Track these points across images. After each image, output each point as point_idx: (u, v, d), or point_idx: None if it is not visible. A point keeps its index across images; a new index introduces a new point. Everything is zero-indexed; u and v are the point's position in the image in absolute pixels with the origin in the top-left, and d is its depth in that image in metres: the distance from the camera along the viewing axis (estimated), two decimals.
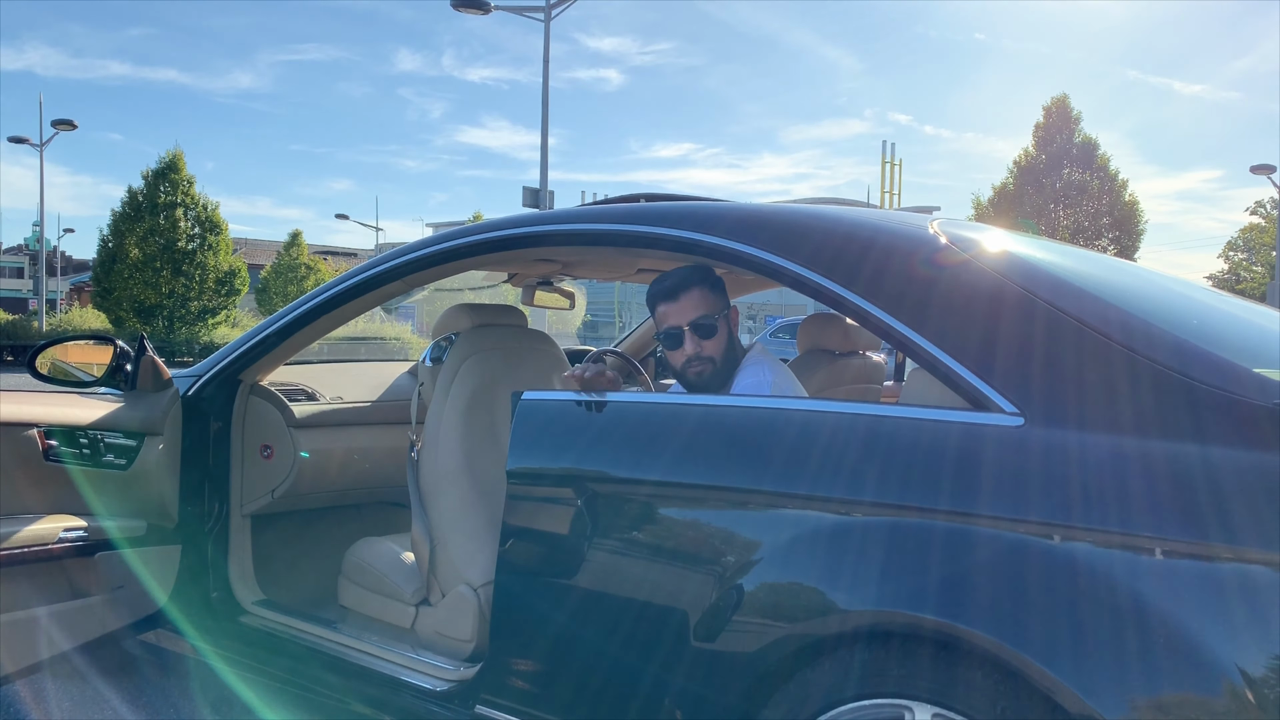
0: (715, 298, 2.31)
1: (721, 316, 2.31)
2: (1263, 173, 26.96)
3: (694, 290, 2.28)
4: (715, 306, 2.30)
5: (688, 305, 2.28)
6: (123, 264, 23.71)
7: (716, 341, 2.29)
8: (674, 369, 2.36)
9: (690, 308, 2.28)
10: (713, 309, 2.30)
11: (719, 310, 2.31)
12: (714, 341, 2.28)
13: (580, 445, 2.01)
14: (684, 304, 2.28)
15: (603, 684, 1.90)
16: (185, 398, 2.71)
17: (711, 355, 2.28)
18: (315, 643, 2.51)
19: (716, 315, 2.30)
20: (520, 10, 17.31)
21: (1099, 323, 1.59)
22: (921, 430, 1.62)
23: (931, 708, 1.48)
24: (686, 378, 2.33)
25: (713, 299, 2.31)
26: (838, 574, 1.59)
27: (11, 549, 2.31)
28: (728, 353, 2.31)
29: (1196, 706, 1.28)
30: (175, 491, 2.65)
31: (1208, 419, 1.43)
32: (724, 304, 2.34)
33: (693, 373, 2.30)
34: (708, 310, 2.29)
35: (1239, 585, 1.30)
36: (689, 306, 2.28)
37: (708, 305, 2.29)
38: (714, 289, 2.32)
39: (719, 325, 2.29)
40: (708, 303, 2.29)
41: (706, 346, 2.28)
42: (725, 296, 2.35)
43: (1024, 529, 1.44)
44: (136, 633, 2.70)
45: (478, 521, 2.49)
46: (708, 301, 2.29)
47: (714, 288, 2.32)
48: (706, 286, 2.30)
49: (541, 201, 17.25)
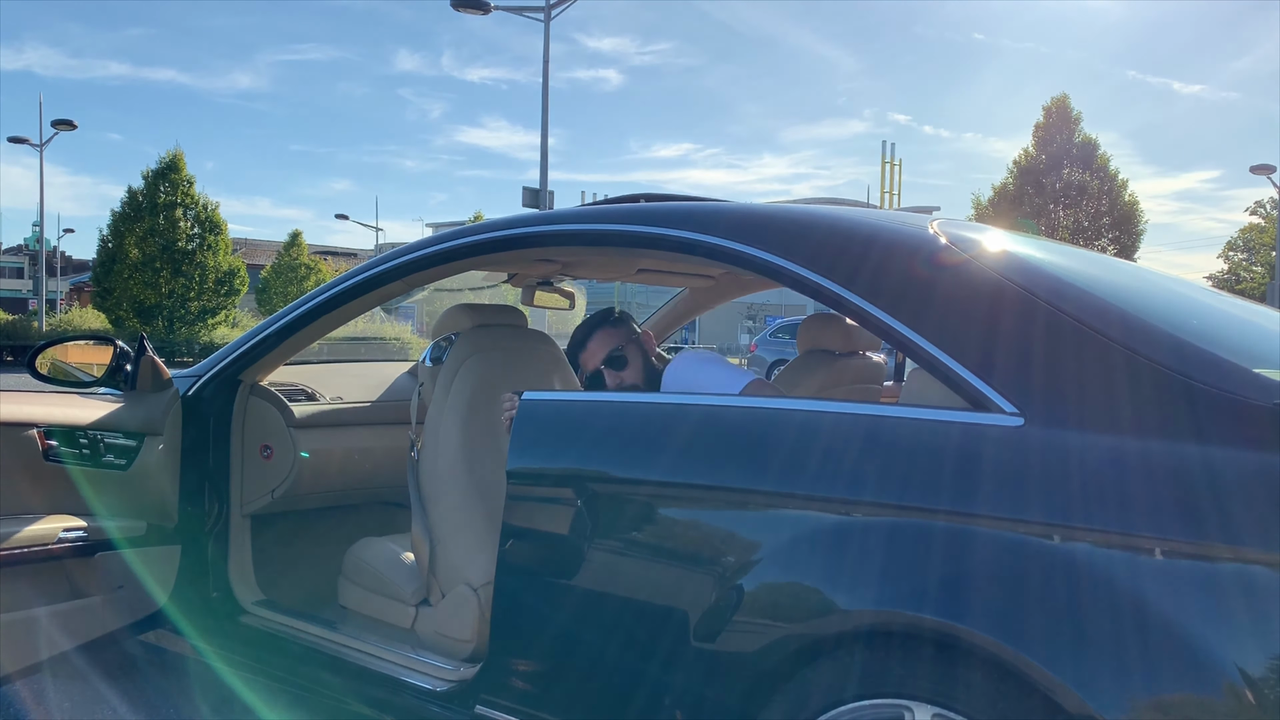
0: (617, 332, 2.62)
1: (629, 344, 2.60)
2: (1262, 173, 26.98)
3: (595, 335, 2.61)
4: (619, 340, 2.59)
5: (595, 349, 2.59)
6: (122, 264, 23.72)
7: (631, 368, 2.56)
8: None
9: (598, 350, 2.59)
10: (617, 342, 2.59)
11: (624, 341, 2.60)
12: (629, 370, 2.56)
13: (580, 445, 2.01)
14: (592, 349, 2.60)
15: (603, 684, 1.90)
16: (185, 398, 2.71)
17: (633, 382, 2.54)
18: (315, 643, 2.51)
19: (621, 346, 2.58)
20: (520, 10, 17.32)
21: (1099, 323, 1.59)
22: (921, 430, 1.62)
23: (931, 708, 1.48)
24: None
25: (615, 335, 2.61)
26: (838, 574, 1.59)
27: (11, 549, 2.31)
28: (648, 372, 2.57)
29: (1196, 707, 1.28)
30: (175, 492, 2.65)
31: (1207, 419, 1.43)
32: (628, 335, 2.63)
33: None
34: (613, 345, 2.58)
35: (1239, 585, 1.30)
36: (597, 350, 2.59)
37: (611, 341, 2.59)
38: (614, 326, 2.63)
39: (627, 354, 2.58)
40: (610, 340, 2.60)
41: (625, 376, 2.55)
42: (629, 328, 2.65)
43: (1024, 529, 1.44)
44: (136, 633, 2.70)
45: (478, 521, 2.49)
46: (610, 339, 2.60)
47: (614, 325, 2.64)
48: (606, 327, 2.62)
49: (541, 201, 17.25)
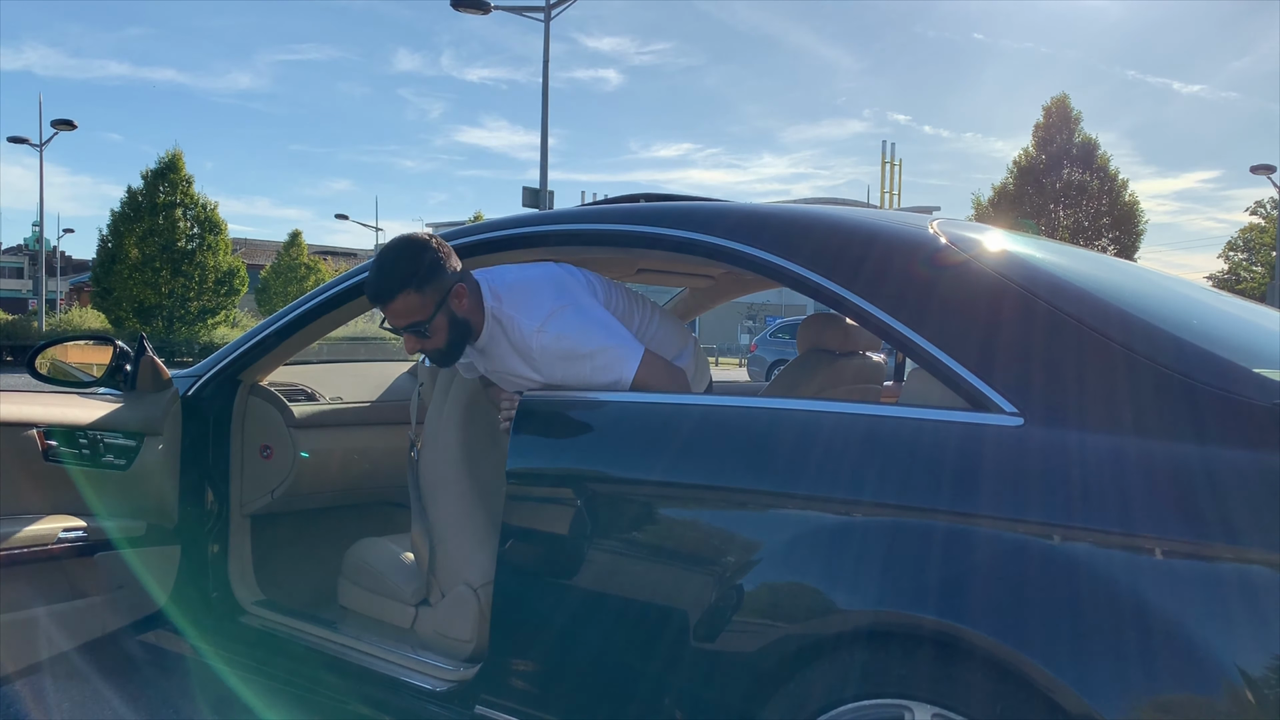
0: (424, 298, 2.15)
1: (440, 311, 2.16)
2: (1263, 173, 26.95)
3: (398, 299, 2.14)
4: (425, 310, 2.15)
5: (397, 312, 2.16)
6: (122, 264, 23.71)
7: (437, 333, 2.18)
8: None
9: (400, 315, 2.17)
10: (422, 313, 2.15)
11: (431, 309, 2.15)
12: (435, 335, 2.18)
13: (580, 445, 2.01)
14: (393, 311, 2.17)
15: (603, 684, 1.90)
16: (185, 398, 2.71)
17: (437, 345, 2.20)
18: (315, 643, 2.51)
19: (426, 321, 2.15)
20: (520, 10, 17.31)
21: (1099, 323, 1.59)
22: (921, 430, 1.62)
23: (931, 708, 1.48)
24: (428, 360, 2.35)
25: (420, 302, 2.15)
26: (838, 574, 1.59)
27: (11, 549, 2.31)
28: (457, 329, 2.20)
29: (1197, 706, 1.28)
30: (175, 492, 2.65)
31: (1207, 419, 1.43)
32: (437, 300, 2.15)
33: (430, 359, 2.30)
34: (418, 318, 2.16)
35: (1239, 585, 1.30)
36: (398, 313, 2.17)
37: (416, 312, 2.15)
38: (420, 289, 2.14)
39: (434, 323, 2.16)
40: (415, 309, 2.15)
41: (429, 343, 2.20)
42: (439, 284, 2.14)
43: (1024, 529, 1.44)
44: (136, 633, 2.70)
45: (477, 521, 2.48)
46: (414, 308, 2.15)
47: (420, 288, 2.14)
48: (411, 289, 2.13)
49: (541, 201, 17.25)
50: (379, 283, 2.16)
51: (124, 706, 2.79)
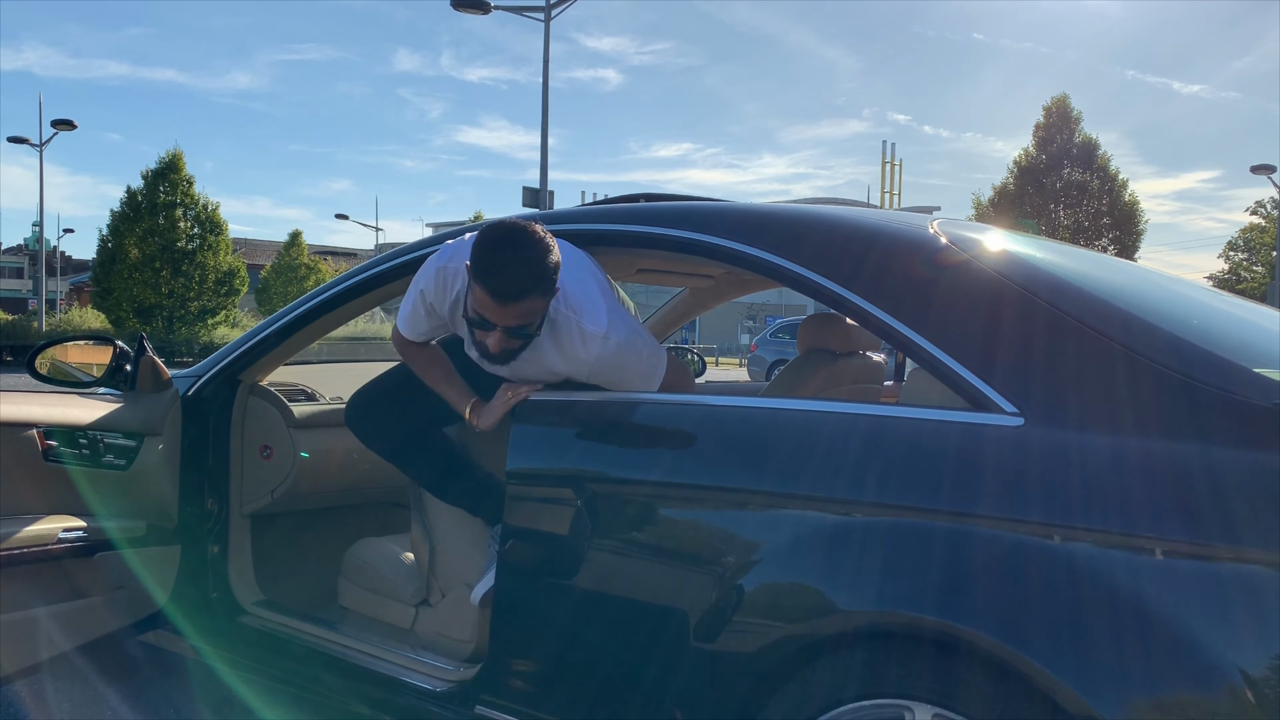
0: (544, 303, 2.04)
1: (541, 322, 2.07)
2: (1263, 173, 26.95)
3: (525, 301, 1.98)
4: (539, 314, 2.05)
5: (518, 313, 2.00)
6: (122, 264, 23.71)
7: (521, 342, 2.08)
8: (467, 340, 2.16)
9: (517, 316, 2.00)
10: (535, 320, 2.05)
11: (543, 313, 2.06)
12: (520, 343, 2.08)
13: (580, 445, 2.01)
14: (513, 311, 2.00)
15: (603, 684, 1.90)
16: (185, 398, 2.71)
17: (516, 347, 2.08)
18: (315, 643, 2.51)
19: (533, 325, 2.05)
20: (520, 10, 17.31)
21: (1099, 322, 1.59)
22: (922, 430, 1.62)
23: (931, 708, 1.48)
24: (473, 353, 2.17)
25: (541, 306, 2.03)
26: (838, 574, 1.59)
27: (11, 549, 2.30)
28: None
29: (1197, 707, 1.28)
30: (175, 492, 2.65)
31: (1208, 419, 1.43)
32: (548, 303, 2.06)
33: (477, 357, 2.15)
34: (529, 321, 2.04)
35: (1239, 585, 1.30)
36: (517, 315, 2.00)
37: (532, 316, 2.03)
38: (546, 295, 2.02)
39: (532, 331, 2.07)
40: (535, 313, 2.03)
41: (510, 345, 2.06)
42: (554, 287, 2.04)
43: (1024, 529, 1.44)
44: (136, 633, 2.70)
45: (478, 522, 2.49)
46: (535, 311, 2.03)
47: (546, 294, 2.02)
48: (540, 295, 2.00)
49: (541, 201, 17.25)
50: (520, 280, 1.96)
51: (124, 706, 2.78)
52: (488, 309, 2.00)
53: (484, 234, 2.02)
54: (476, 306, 2.02)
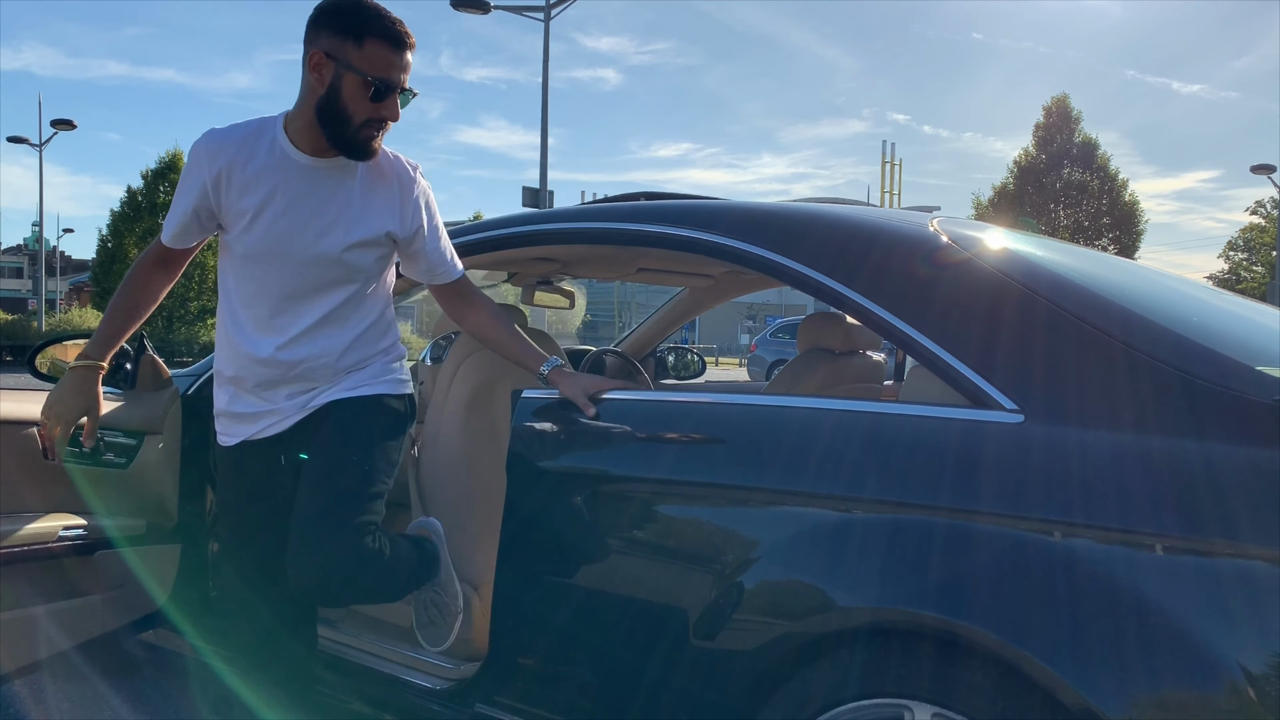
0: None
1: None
2: (1263, 173, 26.94)
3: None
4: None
5: (408, 65, 1.85)
6: (122, 264, 23.69)
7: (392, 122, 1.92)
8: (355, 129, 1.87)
9: (408, 68, 1.85)
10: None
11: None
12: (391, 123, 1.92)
13: (580, 444, 2.01)
14: (408, 61, 1.85)
15: (602, 683, 1.89)
16: (185, 397, 2.71)
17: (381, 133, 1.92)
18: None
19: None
20: (520, 10, 17.31)
21: (1099, 320, 1.59)
22: (922, 427, 1.62)
23: (931, 708, 1.48)
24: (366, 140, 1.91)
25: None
26: (838, 572, 1.59)
27: (11, 548, 2.30)
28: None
29: (1198, 703, 1.28)
30: (175, 490, 2.65)
31: (1208, 415, 1.43)
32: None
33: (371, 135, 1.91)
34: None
35: (1240, 582, 1.30)
36: (408, 66, 1.86)
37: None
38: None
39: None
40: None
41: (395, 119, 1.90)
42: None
43: (1025, 526, 1.44)
44: (136, 632, 2.70)
45: (477, 521, 2.48)
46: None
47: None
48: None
49: (541, 201, 17.25)
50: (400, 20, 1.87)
51: (124, 706, 2.78)
52: (390, 65, 1.82)
53: (325, 4, 1.85)
54: (376, 70, 1.82)
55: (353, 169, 1.96)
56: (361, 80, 1.82)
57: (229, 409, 2.11)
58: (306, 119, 1.88)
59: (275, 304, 1.98)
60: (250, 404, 2.07)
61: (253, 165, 1.88)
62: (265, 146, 1.90)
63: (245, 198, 1.88)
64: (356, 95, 1.83)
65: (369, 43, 1.82)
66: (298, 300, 1.98)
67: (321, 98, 1.85)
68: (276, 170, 1.89)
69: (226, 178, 1.88)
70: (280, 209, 1.90)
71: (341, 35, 1.82)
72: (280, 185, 1.89)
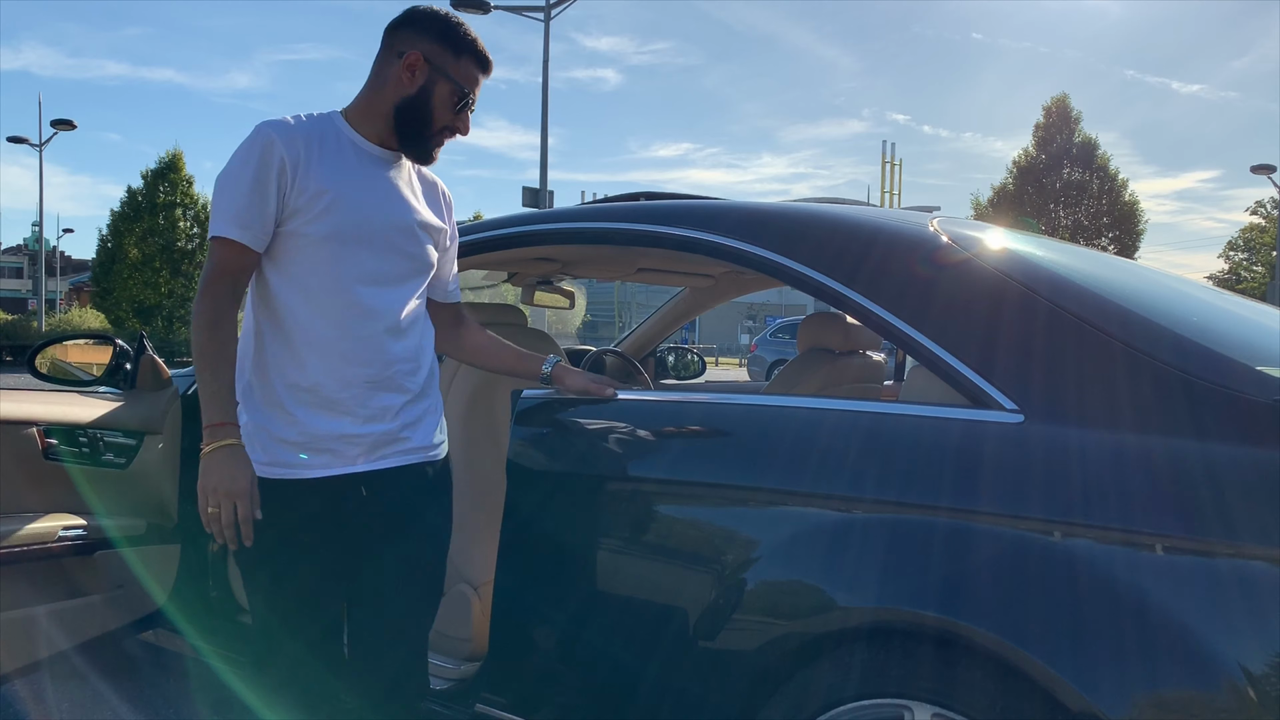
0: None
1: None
2: (1263, 173, 26.94)
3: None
4: None
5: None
6: (122, 264, 23.72)
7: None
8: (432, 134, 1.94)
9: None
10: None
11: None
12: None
13: (579, 444, 2.01)
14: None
15: (602, 683, 1.90)
16: (185, 397, 2.71)
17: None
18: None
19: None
20: (519, 10, 17.31)
21: (1099, 320, 1.59)
22: (922, 427, 1.62)
23: (931, 707, 1.48)
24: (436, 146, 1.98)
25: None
26: (838, 572, 1.59)
27: (11, 548, 2.30)
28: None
29: (1198, 703, 1.28)
30: (175, 491, 2.65)
31: (1208, 415, 1.43)
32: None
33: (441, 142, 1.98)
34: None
35: (1239, 581, 1.30)
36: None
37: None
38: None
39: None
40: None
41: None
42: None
43: (1025, 526, 1.44)
44: (136, 632, 2.70)
45: (477, 521, 2.48)
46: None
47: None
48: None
49: (541, 201, 17.25)
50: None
51: (124, 705, 2.78)
52: (476, 82, 1.93)
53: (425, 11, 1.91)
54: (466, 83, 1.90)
55: (406, 166, 1.99)
56: (453, 88, 1.90)
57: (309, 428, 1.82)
58: (379, 112, 1.91)
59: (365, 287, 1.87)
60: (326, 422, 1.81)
61: (326, 148, 1.88)
62: (332, 134, 1.91)
63: (323, 179, 1.85)
64: (445, 102, 1.90)
65: (464, 58, 1.90)
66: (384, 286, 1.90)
67: (410, 97, 1.89)
68: (350, 153, 1.91)
69: (305, 161, 1.85)
70: (360, 186, 1.89)
71: (442, 44, 1.89)
72: (355, 166, 1.91)
